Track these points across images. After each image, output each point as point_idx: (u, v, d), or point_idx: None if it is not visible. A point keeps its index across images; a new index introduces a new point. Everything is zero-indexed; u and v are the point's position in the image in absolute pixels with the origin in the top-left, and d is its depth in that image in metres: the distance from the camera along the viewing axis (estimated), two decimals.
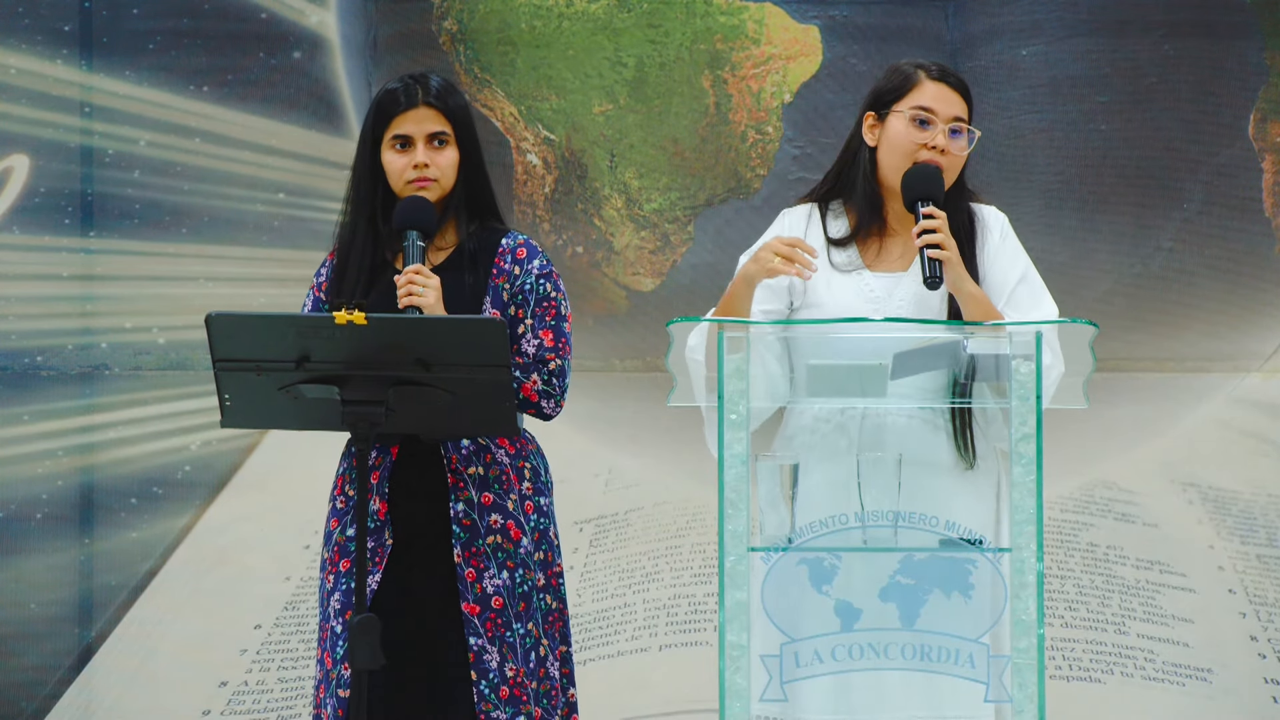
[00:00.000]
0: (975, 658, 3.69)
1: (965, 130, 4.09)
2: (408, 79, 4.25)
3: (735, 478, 3.64)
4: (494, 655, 4.14)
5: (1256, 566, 6.19)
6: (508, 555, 4.17)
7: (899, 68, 4.15)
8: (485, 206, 4.28)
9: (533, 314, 4.21)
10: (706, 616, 6.11)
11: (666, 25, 6.23)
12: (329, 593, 4.21)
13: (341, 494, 4.24)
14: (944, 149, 4.06)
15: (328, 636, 4.20)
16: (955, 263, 3.95)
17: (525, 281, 4.23)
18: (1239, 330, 6.23)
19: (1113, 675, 6.09)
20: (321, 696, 4.19)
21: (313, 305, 4.30)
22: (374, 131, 4.23)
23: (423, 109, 4.21)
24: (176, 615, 6.20)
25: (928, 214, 3.96)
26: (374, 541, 4.15)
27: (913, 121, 4.08)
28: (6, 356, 6.23)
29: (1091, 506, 6.23)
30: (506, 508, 4.19)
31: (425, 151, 4.20)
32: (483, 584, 4.16)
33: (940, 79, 4.10)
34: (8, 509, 6.20)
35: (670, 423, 6.05)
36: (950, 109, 4.08)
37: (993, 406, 3.94)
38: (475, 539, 4.16)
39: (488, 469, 4.19)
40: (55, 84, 6.25)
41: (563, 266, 6.26)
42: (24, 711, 6.16)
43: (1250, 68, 6.23)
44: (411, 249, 4.12)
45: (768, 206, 4.29)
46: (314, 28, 6.27)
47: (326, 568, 4.24)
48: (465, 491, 4.17)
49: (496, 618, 4.15)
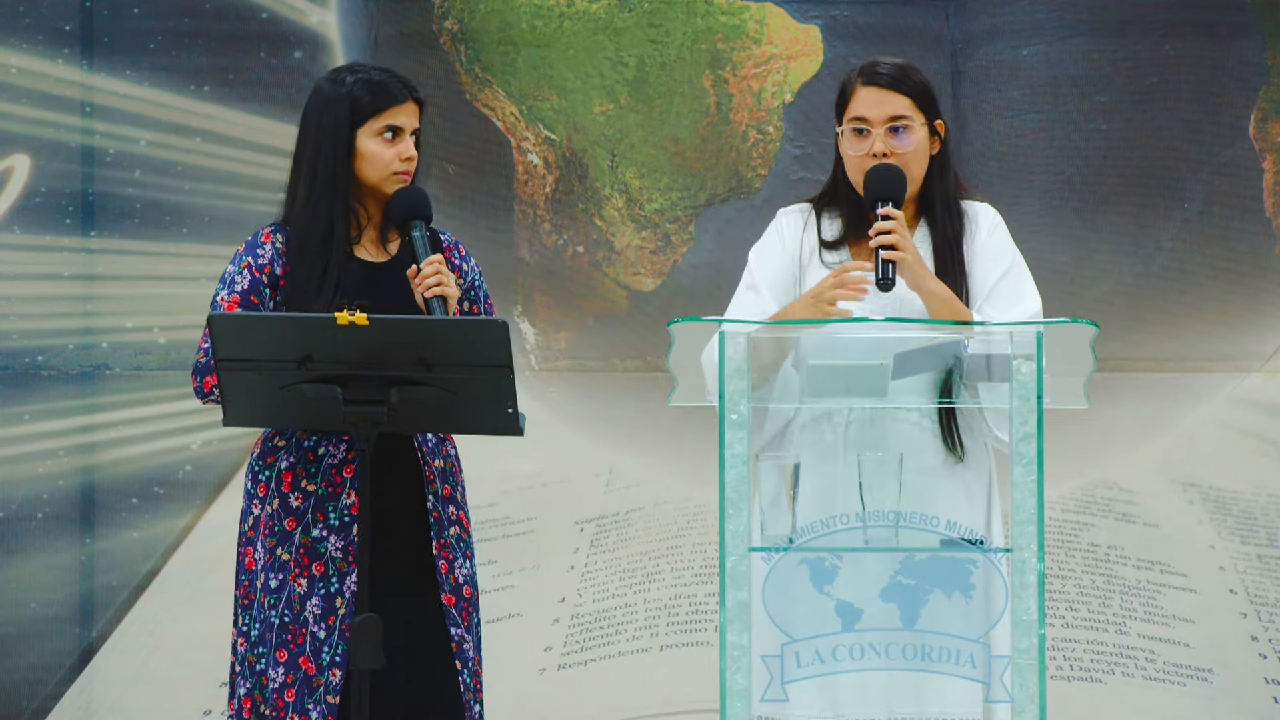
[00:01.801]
0: (976, 658, 3.69)
1: (910, 126, 4.08)
2: (390, 73, 4.28)
3: (736, 478, 3.64)
4: (471, 644, 4.18)
5: (1257, 566, 6.19)
6: (466, 545, 4.26)
7: (848, 75, 4.15)
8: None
9: (484, 309, 4.32)
10: (707, 617, 6.11)
11: (667, 25, 6.23)
12: (303, 596, 4.17)
13: (296, 490, 4.20)
14: (884, 153, 4.06)
15: (305, 640, 4.17)
16: (913, 263, 3.95)
17: (472, 278, 4.32)
18: (1239, 330, 6.23)
19: (1113, 675, 6.09)
20: (289, 701, 4.17)
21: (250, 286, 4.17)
22: (357, 116, 4.22)
23: (412, 104, 4.26)
24: (177, 615, 6.20)
25: (884, 214, 3.97)
26: (343, 539, 4.16)
27: (853, 134, 4.09)
28: (7, 356, 6.23)
29: (1092, 506, 6.23)
30: (458, 499, 4.27)
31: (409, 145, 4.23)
32: (455, 575, 4.20)
33: (869, 82, 4.08)
34: (8, 509, 6.21)
35: (671, 423, 6.05)
36: (884, 110, 4.06)
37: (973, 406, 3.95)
38: (444, 530, 4.21)
39: (445, 461, 4.25)
40: (56, 84, 6.25)
41: (563, 266, 6.28)
42: (24, 711, 6.16)
43: (1251, 68, 6.23)
44: (421, 239, 4.14)
45: (769, 206, 4.29)
46: (315, 28, 6.27)
47: (290, 570, 4.18)
48: (434, 484, 4.21)
49: (468, 607, 4.19)
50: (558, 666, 6.08)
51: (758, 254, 4.17)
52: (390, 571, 4.12)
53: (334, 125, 4.23)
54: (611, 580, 6.20)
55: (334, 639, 4.14)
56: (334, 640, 4.14)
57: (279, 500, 4.21)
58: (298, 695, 4.15)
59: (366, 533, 3.87)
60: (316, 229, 4.21)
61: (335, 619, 4.14)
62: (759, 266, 4.14)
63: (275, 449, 4.23)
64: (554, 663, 6.07)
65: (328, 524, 4.17)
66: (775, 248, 4.15)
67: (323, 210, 4.21)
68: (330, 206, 4.22)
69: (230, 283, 4.21)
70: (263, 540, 4.22)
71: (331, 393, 3.86)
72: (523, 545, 6.17)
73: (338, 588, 4.15)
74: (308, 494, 4.19)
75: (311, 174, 4.23)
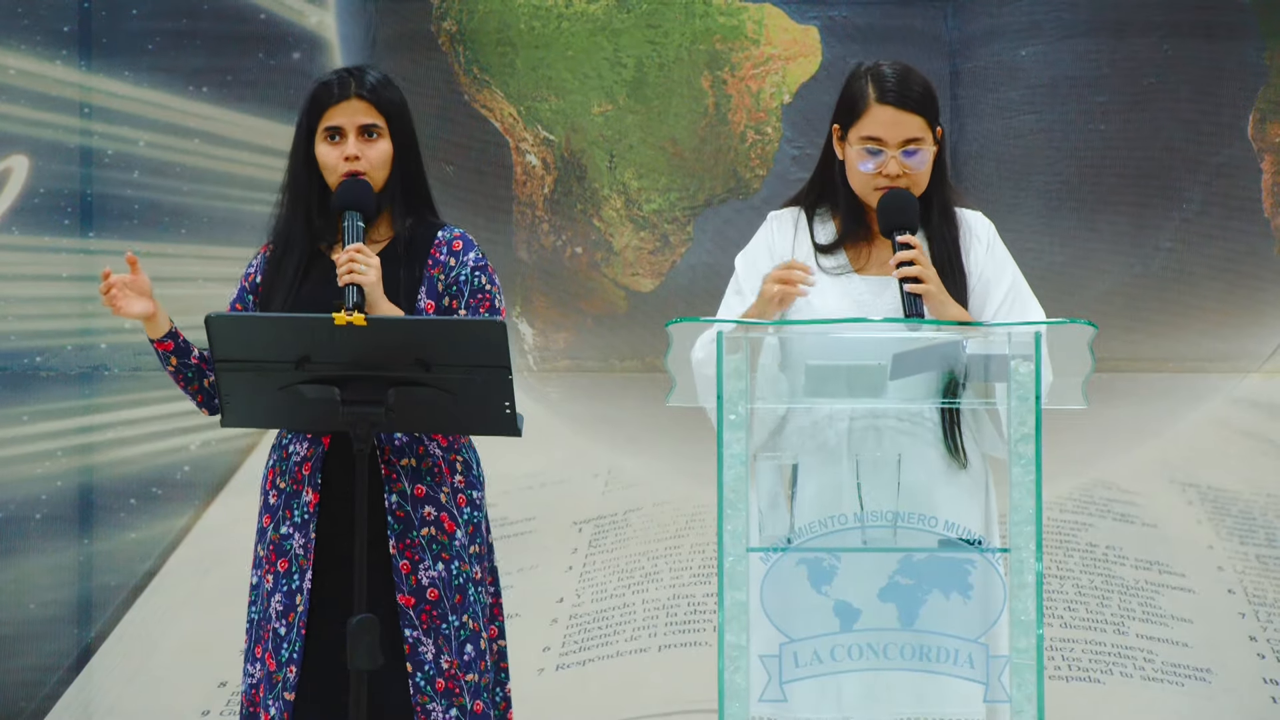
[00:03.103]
0: (974, 658, 3.69)
1: (922, 147, 4.04)
2: (342, 71, 4.27)
3: (735, 478, 3.64)
4: (429, 647, 4.14)
5: (1256, 566, 6.19)
6: (442, 547, 4.17)
7: (856, 79, 4.08)
8: (421, 200, 4.29)
9: (466, 305, 4.22)
10: (706, 617, 6.11)
11: (666, 26, 6.23)
12: (268, 593, 4.18)
13: (273, 489, 4.22)
14: (898, 174, 4.04)
15: (269, 637, 4.16)
16: (936, 293, 3.93)
17: (460, 273, 4.23)
18: (1239, 330, 6.23)
19: (1112, 675, 6.09)
20: (260, 697, 4.18)
21: (237, 295, 4.30)
22: (307, 122, 4.24)
23: (355, 101, 4.21)
24: (176, 615, 6.20)
25: (903, 243, 3.95)
26: (304, 537, 4.15)
27: (865, 151, 4.04)
28: (6, 356, 6.23)
29: (1091, 507, 6.23)
30: (439, 500, 4.19)
31: (356, 144, 4.19)
32: (418, 576, 4.15)
33: (887, 102, 4.02)
34: (7, 509, 6.21)
35: (670, 423, 6.04)
36: (900, 133, 4.02)
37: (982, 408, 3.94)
38: (410, 530, 4.16)
39: (420, 460, 4.19)
40: (55, 84, 6.25)
41: (562, 267, 6.28)
42: (23, 711, 6.16)
43: (1250, 68, 6.23)
44: (351, 229, 4.12)
45: (767, 207, 4.28)
46: (313, 28, 6.27)
47: (262, 566, 4.21)
48: (399, 483, 4.17)
49: (432, 609, 4.15)
50: (556, 667, 6.08)
51: (745, 261, 4.13)
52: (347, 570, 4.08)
53: (297, 133, 4.28)
54: (610, 580, 6.20)
55: (293, 636, 4.13)
56: (292, 637, 4.13)
57: (263, 499, 4.25)
58: (264, 692, 4.16)
59: (363, 532, 3.88)
60: (282, 236, 4.27)
61: (294, 615, 4.13)
62: (747, 274, 4.10)
63: (271, 447, 4.28)
64: (552, 663, 6.07)
65: (292, 521, 4.17)
66: (763, 254, 4.12)
67: (288, 216, 4.26)
68: (293, 211, 4.25)
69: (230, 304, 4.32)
70: (256, 539, 4.26)
71: (329, 393, 3.86)
72: (521, 545, 6.17)
73: (298, 584, 4.15)
74: (280, 491, 4.21)
75: (290, 179, 4.29)
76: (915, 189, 4.05)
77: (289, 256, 4.24)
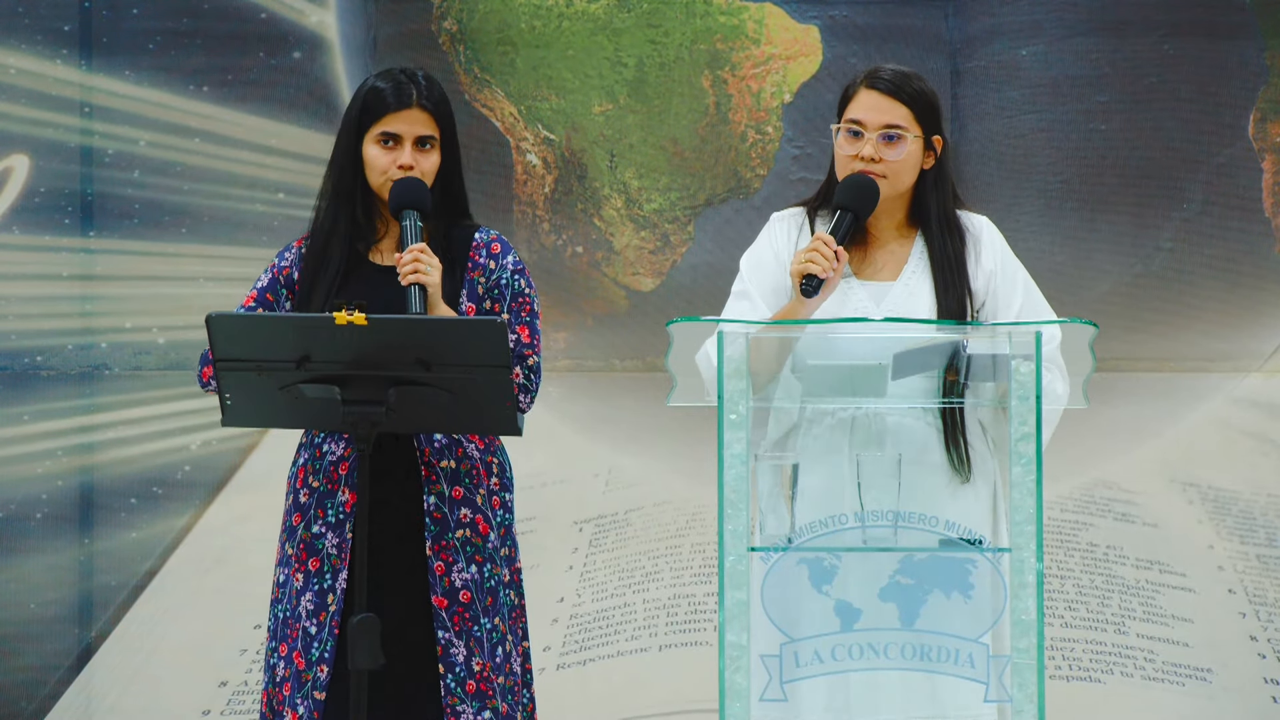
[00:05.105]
0: (975, 658, 3.69)
1: (903, 136, 4.06)
2: (400, 76, 4.25)
3: (735, 478, 3.64)
4: (461, 649, 4.14)
5: (1256, 566, 6.19)
6: (476, 550, 4.19)
7: (854, 78, 4.13)
8: (459, 207, 4.30)
9: (509, 308, 4.24)
10: (706, 616, 6.11)
11: (666, 25, 6.24)
12: (298, 591, 4.19)
13: (305, 487, 4.23)
14: (872, 158, 4.04)
15: (297, 636, 4.17)
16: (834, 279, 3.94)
17: (501, 276, 4.25)
18: (1239, 330, 6.23)
19: (1112, 675, 6.09)
20: (286, 695, 4.18)
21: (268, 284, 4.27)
22: (359, 123, 4.23)
23: (415, 110, 4.22)
24: (176, 615, 6.20)
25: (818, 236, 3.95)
26: (338, 536, 4.16)
27: (847, 134, 4.07)
28: (6, 356, 6.23)
29: (1091, 506, 6.23)
30: (476, 502, 4.21)
31: (412, 153, 4.20)
32: (451, 578, 4.16)
33: (872, 86, 4.06)
34: (8, 509, 6.21)
35: (670, 423, 6.05)
36: (880, 116, 4.04)
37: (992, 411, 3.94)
38: (445, 533, 4.17)
39: (459, 463, 4.20)
40: (55, 84, 6.25)
41: (563, 266, 6.28)
42: (23, 711, 6.16)
43: (1250, 68, 6.24)
44: (411, 228, 4.12)
45: (768, 206, 4.28)
46: (314, 28, 6.27)
47: (291, 565, 4.21)
48: (437, 485, 4.18)
49: (465, 612, 4.15)
50: (556, 666, 6.08)
51: (749, 261, 4.14)
52: (381, 571, 4.11)
53: (345, 130, 4.26)
54: (610, 580, 6.20)
55: (324, 635, 4.14)
56: (324, 636, 4.14)
57: (293, 496, 4.25)
58: (292, 690, 4.16)
59: (363, 532, 3.87)
60: (323, 232, 4.25)
61: (326, 615, 4.14)
62: (751, 274, 4.11)
63: (300, 446, 4.27)
64: (553, 663, 6.07)
65: (325, 521, 4.18)
66: (767, 255, 4.13)
67: (330, 213, 4.25)
68: (336, 210, 4.24)
69: (256, 282, 4.30)
70: (282, 536, 4.26)
71: (330, 393, 3.86)
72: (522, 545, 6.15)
73: (330, 584, 4.15)
74: (313, 490, 4.22)
75: (328, 178, 4.28)
76: (893, 181, 4.04)
77: (329, 256, 4.23)
